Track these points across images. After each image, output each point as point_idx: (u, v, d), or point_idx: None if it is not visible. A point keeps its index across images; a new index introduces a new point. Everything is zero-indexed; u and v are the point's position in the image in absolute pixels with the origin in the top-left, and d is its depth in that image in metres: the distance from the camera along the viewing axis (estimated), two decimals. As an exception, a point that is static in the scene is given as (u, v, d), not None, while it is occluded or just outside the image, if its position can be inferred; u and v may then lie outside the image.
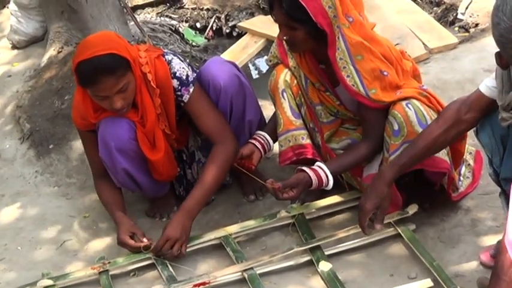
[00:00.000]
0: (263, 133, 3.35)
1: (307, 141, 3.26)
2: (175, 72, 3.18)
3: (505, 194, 2.68)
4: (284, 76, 3.25)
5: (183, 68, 3.21)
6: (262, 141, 3.33)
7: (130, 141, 3.19)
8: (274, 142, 3.37)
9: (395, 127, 2.98)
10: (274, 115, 3.35)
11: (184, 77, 3.19)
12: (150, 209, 3.56)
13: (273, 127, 3.35)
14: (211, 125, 3.25)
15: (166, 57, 3.22)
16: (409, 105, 2.98)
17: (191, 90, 3.20)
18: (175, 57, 3.24)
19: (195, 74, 3.26)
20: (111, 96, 3.03)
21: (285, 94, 3.25)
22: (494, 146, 2.67)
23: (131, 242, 3.15)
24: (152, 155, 3.24)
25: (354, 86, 3.01)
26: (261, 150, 3.32)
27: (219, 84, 3.26)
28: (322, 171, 3.07)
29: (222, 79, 3.26)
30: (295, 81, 3.24)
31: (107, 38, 3.08)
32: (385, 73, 3.01)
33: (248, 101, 3.37)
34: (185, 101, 3.21)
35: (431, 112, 3.01)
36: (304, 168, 3.09)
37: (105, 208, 3.39)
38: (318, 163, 3.12)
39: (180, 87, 3.19)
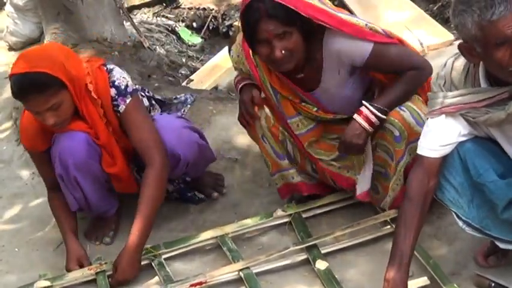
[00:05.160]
0: None
1: (297, 179, 3.27)
2: (114, 81, 3.13)
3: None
4: (259, 122, 3.18)
5: (123, 77, 3.15)
6: None
7: (88, 161, 3.18)
8: None
9: (396, 133, 2.95)
10: None
11: (122, 87, 3.13)
12: (90, 230, 3.49)
13: None
14: (141, 141, 3.15)
15: (107, 66, 3.19)
16: (403, 108, 2.96)
17: (128, 101, 3.13)
18: (116, 67, 3.21)
19: (136, 87, 3.23)
20: (42, 113, 3.01)
21: (265, 139, 3.21)
22: (456, 198, 2.67)
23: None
24: (109, 168, 3.22)
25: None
26: None
27: (178, 155, 3.24)
28: (367, 111, 2.94)
29: (181, 151, 3.24)
30: (272, 121, 3.17)
31: (44, 55, 3.04)
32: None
33: (208, 160, 3.45)
34: (121, 111, 3.14)
35: (423, 107, 2.99)
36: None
37: (57, 223, 3.36)
38: (364, 102, 2.96)
39: (117, 97, 3.13)
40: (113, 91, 3.12)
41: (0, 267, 3.38)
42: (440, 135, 2.57)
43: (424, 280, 2.82)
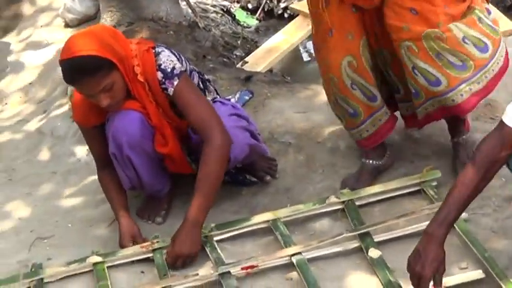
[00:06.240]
0: None
1: (389, 113, 3.33)
2: (161, 64, 3.10)
3: None
4: (344, 71, 3.17)
5: (170, 60, 3.12)
6: None
7: (142, 139, 3.19)
8: None
9: (413, 91, 3.09)
10: None
11: (169, 70, 3.10)
12: (143, 209, 3.51)
13: None
14: (197, 119, 3.12)
15: (156, 49, 3.16)
16: (415, 71, 3.01)
17: (175, 83, 3.10)
18: (166, 50, 3.16)
19: (185, 67, 3.18)
20: (95, 95, 3.03)
21: (354, 86, 3.19)
22: None
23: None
24: (162, 147, 3.22)
25: None
26: None
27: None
28: None
29: (232, 153, 3.19)
30: (355, 64, 3.16)
31: (91, 37, 3.02)
32: None
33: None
34: (170, 94, 3.12)
35: (444, 59, 3.01)
36: None
37: (108, 201, 3.38)
38: None
39: (164, 80, 3.11)
40: (159, 74, 3.11)
41: (53, 242, 3.42)
42: None
43: (479, 273, 2.78)
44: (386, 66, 3.25)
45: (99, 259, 3.10)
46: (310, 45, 5.30)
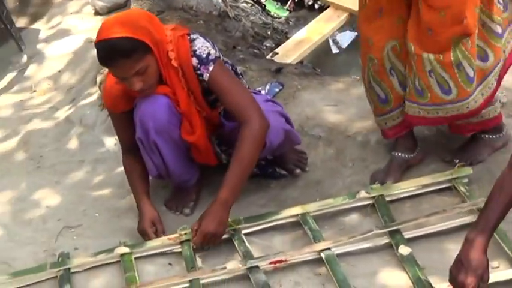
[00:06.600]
0: None
1: None
2: (196, 50, 3.08)
3: None
4: (386, 54, 3.14)
5: (205, 47, 3.10)
6: None
7: (169, 125, 3.17)
8: None
9: (419, 88, 3.08)
10: None
11: (204, 56, 3.08)
12: (171, 200, 3.50)
13: None
14: (233, 103, 3.11)
15: (191, 36, 3.14)
16: (432, 74, 3.00)
17: (211, 68, 3.08)
18: (200, 37, 3.15)
19: (219, 54, 3.16)
20: (129, 78, 3.01)
21: (393, 71, 3.17)
22: None
23: (152, 234, 3.17)
24: (188, 135, 3.20)
25: None
26: None
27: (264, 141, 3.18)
28: None
29: (267, 137, 3.15)
30: (398, 49, 3.12)
31: (128, 20, 3.01)
32: None
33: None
34: (206, 79, 3.10)
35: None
36: None
37: (130, 186, 3.37)
38: None
39: (199, 66, 3.09)
40: (194, 60, 3.09)
41: (80, 231, 3.41)
42: None
43: (511, 273, 2.74)
44: None
45: (126, 250, 3.09)
46: (339, 37, 5.25)
